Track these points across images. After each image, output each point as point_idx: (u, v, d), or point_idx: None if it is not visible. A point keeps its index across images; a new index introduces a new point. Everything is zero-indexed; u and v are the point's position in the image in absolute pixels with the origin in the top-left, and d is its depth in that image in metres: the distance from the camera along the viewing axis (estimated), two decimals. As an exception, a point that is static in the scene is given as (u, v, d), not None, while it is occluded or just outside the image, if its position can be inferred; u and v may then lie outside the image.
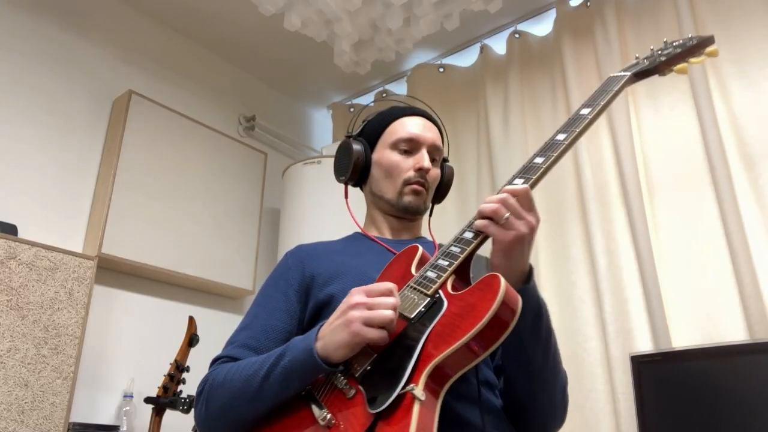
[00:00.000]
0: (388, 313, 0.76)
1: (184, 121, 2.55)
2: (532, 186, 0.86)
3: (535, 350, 0.87)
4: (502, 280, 0.73)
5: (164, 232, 2.34)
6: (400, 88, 3.10)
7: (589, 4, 2.43)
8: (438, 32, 2.68)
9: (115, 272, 2.27)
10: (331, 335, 0.79)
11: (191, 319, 1.96)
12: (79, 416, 2.01)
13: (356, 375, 0.78)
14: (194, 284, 2.48)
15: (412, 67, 2.97)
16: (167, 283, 2.44)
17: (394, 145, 1.13)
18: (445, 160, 1.22)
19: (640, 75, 1.14)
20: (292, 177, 2.69)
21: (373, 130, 1.18)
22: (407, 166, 1.12)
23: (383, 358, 0.77)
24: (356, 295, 0.80)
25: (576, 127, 0.93)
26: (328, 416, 0.75)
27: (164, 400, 1.81)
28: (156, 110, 2.45)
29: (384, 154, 1.14)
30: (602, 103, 0.98)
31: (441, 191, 1.22)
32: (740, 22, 2.05)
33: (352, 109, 3.22)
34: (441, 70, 2.87)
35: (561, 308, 2.17)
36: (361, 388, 0.76)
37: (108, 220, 2.16)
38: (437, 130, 1.18)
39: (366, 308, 0.77)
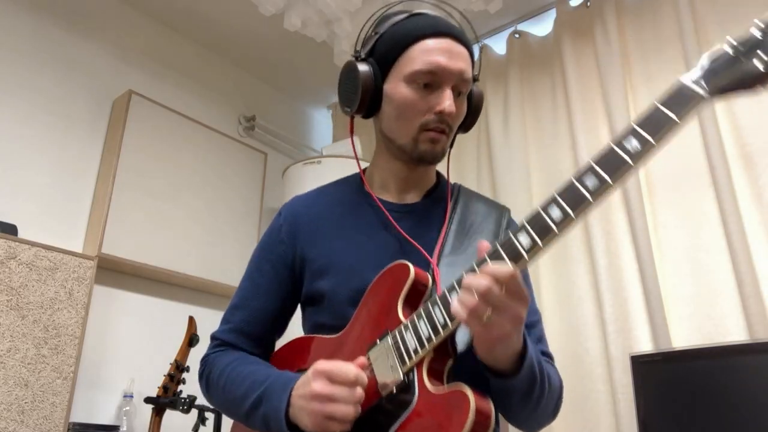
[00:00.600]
0: (350, 410, 0.74)
1: (184, 121, 2.55)
2: (530, 259, 0.70)
3: (523, 408, 0.84)
4: (472, 403, 0.68)
5: (164, 232, 2.34)
6: (400, 88, 3.09)
7: (589, 4, 2.43)
8: (438, 32, 2.67)
9: (115, 272, 2.27)
10: (299, 413, 0.79)
11: (191, 319, 1.96)
12: (79, 416, 2.01)
13: None
14: (194, 284, 2.48)
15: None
16: (167, 283, 2.44)
17: (411, 78, 0.90)
18: (475, 79, 0.98)
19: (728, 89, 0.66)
20: (292, 177, 2.69)
21: (386, 52, 0.93)
22: (425, 106, 0.90)
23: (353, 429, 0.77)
24: (318, 381, 0.76)
25: (613, 173, 0.67)
26: None
27: (164, 400, 1.81)
28: (156, 110, 2.45)
29: (398, 88, 0.91)
30: (654, 140, 0.67)
31: (467, 121, 1.00)
32: (740, 22, 2.05)
33: (352, 109, 3.21)
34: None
35: (561, 308, 2.17)
36: None
37: (108, 220, 2.16)
38: (467, 53, 0.93)
39: (329, 401, 0.75)
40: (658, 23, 2.25)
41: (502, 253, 0.72)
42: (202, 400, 1.97)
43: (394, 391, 0.77)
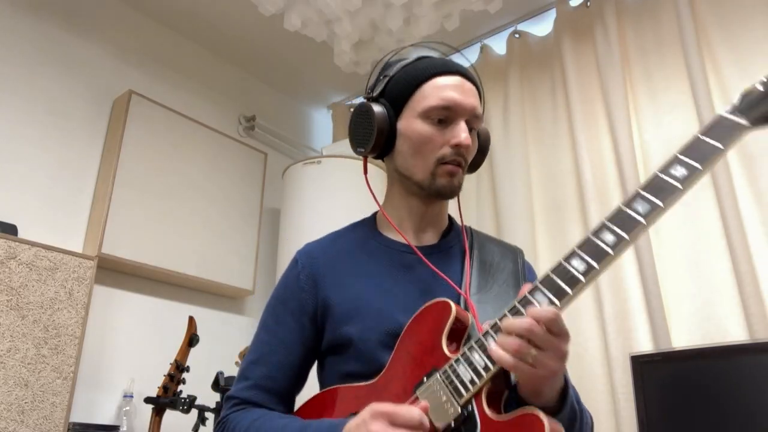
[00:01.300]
0: None
1: (184, 121, 2.55)
2: (570, 299, 0.70)
3: None
4: (547, 428, 0.65)
5: (164, 232, 2.34)
6: (400, 88, 3.09)
7: (589, 4, 2.43)
8: (438, 32, 2.68)
9: (115, 272, 2.27)
10: None
11: (191, 319, 1.96)
12: (79, 416, 2.01)
13: None
14: (194, 284, 2.48)
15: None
16: (167, 283, 2.44)
17: (426, 114, 0.91)
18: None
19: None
20: (292, 177, 2.69)
21: (399, 92, 0.95)
22: (441, 140, 0.91)
23: None
24: (379, 422, 0.71)
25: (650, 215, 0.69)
26: None
27: (164, 400, 1.81)
28: (156, 110, 2.45)
29: (413, 124, 0.93)
30: (699, 170, 0.69)
31: (476, 161, 1.01)
32: (740, 22, 2.05)
33: (352, 109, 3.21)
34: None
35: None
36: None
37: (108, 220, 2.16)
38: (477, 91, 0.96)
39: None
40: (658, 23, 2.25)
41: (543, 289, 0.73)
42: (202, 400, 1.97)
43: (453, 425, 0.72)
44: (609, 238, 0.70)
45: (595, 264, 0.70)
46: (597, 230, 0.72)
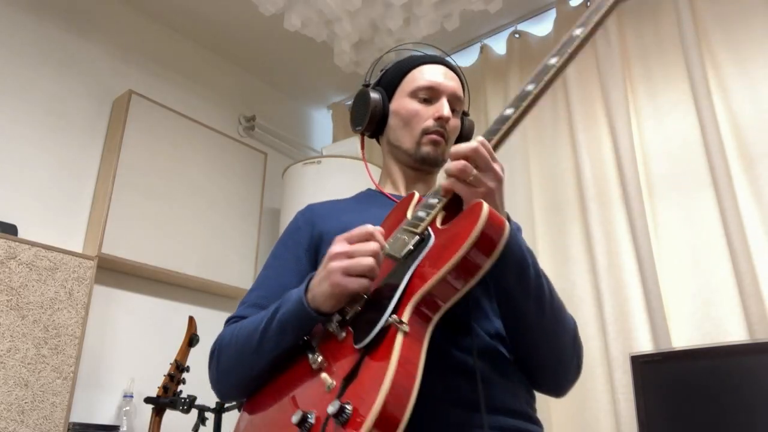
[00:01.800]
0: (368, 261, 0.75)
1: (184, 121, 2.55)
2: (503, 138, 0.84)
3: (527, 303, 0.85)
4: (485, 205, 0.72)
5: (164, 232, 2.34)
6: (400, 88, 3.10)
7: (589, 4, 2.43)
8: (438, 32, 2.68)
9: (115, 272, 2.27)
10: (318, 287, 0.79)
11: (191, 319, 1.96)
12: (79, 416, 2.01)
13: (347, 317, 0.78)
14: (194, 284, 2.48)
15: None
16: (167, 283, 2.44)
17: (413, 94, 1.07)
18: (465, 114, 1.16)
19: None
20: (292, 177, 2.69)
21: (391, 79, 1.12)
22: (426, 114, 1.06)
23: (372, 299, 0.77)
24: (337, 244, 0.79)
25: (544, 74, 0.87)
26: (320, 359, 0.76)
27: (164, 400, 1.81)
28: (156, 110, 2.45)
29: (402, 102, 1.08)
30: (592, 24, 0.89)
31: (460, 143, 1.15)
32: (740, 22, 2.05)
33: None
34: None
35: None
36: (350, 329, 0.76)
37: (108, 220, 2.16)
38: (459, 80, 1.12)
39: (346, 257, 0.76)
40: (658, 23, 2.25)
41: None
42: (202, 400, 1.97)
43: (411, 248, 0.78)
44: (530, 87, 0.86)
45: (521, 104, 0.84)
46: (525, 85, 0.87)
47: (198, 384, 2.16)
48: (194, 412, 1.87)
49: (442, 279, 0.70)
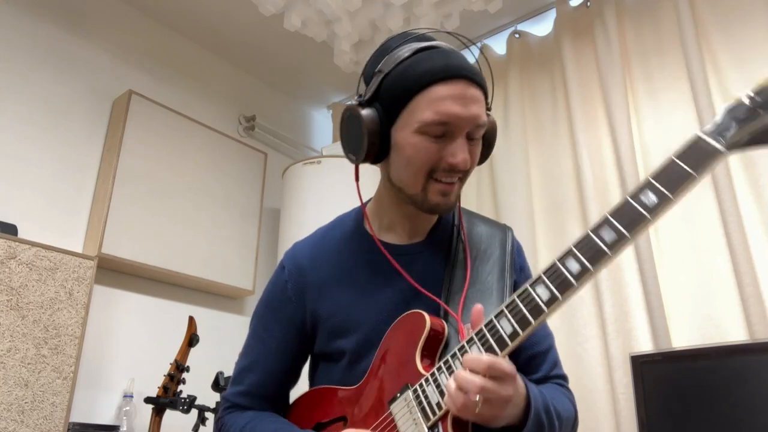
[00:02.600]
0: None
1: (184, 121, 2.55)
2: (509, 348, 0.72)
3: None
4: None
5: (164, 232, 2.34)
6: (400, 88, 3.10)
7: (589, 4, 2.43)
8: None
9: (115, 272, 2.27)
10: None
11: (191, 319, 1.96)
12: (79, 416, 2.01)
13: None
14: (194, 284, 2.48)
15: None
16: (167, 283, 2.44)
17: (422, 129, 0.82)
18: (488, 108, 0.92)
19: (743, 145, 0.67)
20: (292, 177, 2.69)
21: (392, 98, 0.85)
22: (436, 156, 0.84)
23: None
24: None
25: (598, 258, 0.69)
26: None
27: (164, 400, 1.81)
28: (156, 110, 2.45)
29: (407, 138, 0.84)
30: (669, 199, 0.66)
31: (483, 153, 0.94)
32: (740, 22, 2.05)
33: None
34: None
35: (561, 308, 2.17)
36: None
37: (108, 220, 2.16)
38: (482, 95, 0.86)
39: None
40: (658, 23, 2.25)
41: (487, 338, 0.75)
42: (202, 400, 1.97)
43: None
44: (574, 266, 0.69)
45: (558, 294, 0.69)
46: (563, 256, 0.71)
47: (198, 384, 2.16)
48: (194, 412, 1.87)
49: None
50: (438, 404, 0.76)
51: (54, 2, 2.36)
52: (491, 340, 0.73)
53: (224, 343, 2.57)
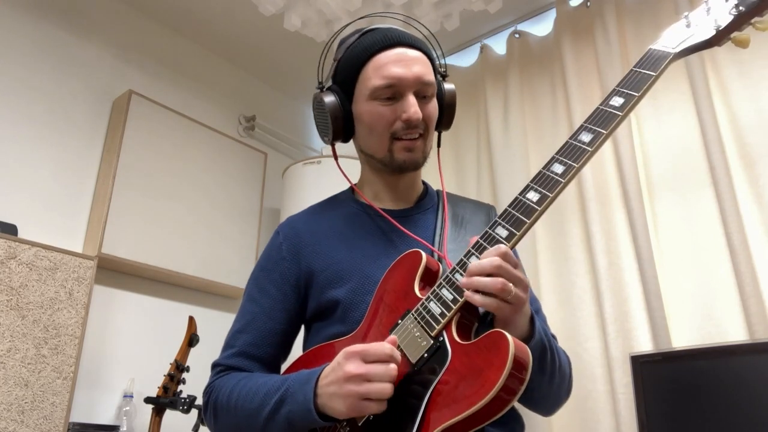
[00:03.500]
0: (387, 388, 0.72)
1: (184, 121, 2.55)
2: (528, 228, 0.76)
3: (541, 380, 0.84)
4: (511, 344, 0.68)
5: (164, 232, 2.34)
6: (400, 88, 3.10)
7: (589, 4, 2.43)
8: (438, 32, 2.68)
9: (115, 272, 2.27)
10: (329, 400, 0.76)
11: (191, 319, 1.96)
12: (79, 416, 2.01)
13: (359, 423, 0.77)
14: (194, 284, 2.48)
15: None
16: (167, 283, 2.44)
17: (373, 95, 0.93)
18: (443, 77, 1.03)
19: (691, 50, 0.88)
20: (292, 177, 2.69)
21: (345, 77, 0.97)
22: (392, 116, 0.93)
23: (386, 412, 0.75)
24: (351, 362, 0.74)
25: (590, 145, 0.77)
26: None
27: (164, 400, 1.81)
28: (156, 110, 2.45)
29: (363, 107, 0.95)
30: (635, 96, 0.80)
31: (444, 118, 1.02)
32: (740, 22, 2.05)
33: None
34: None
35: (561, 308, 2.17)
36: None
37: (108, 220, 2.16)
38: (424, 57, 0.95)
39: (364, 380, 0.72)
40: (658, 23, 2.25)
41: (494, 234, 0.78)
42: (201, 400, 1.97)
43: (426, 355, 0.75)
44: (559, 168, 0.77)
45: (548, 192, 0.75)
46: (548, 163, 0.79)
47: (198, 384, 2.16)
48: (194, 412, 1.87)
49: (462, 420, 0.68)
50: (441, 314, 0.76)
51: (54, 2, 2.36)
52: (489, 247, 0.76)
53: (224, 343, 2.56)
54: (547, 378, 0.85)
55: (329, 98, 0.97)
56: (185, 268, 2.37)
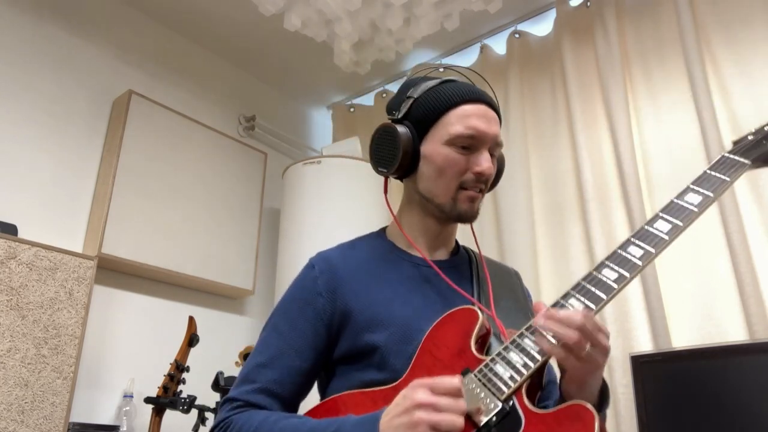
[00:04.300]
0: (459, 421, 0.68)
1: (184, 121, 2.55)
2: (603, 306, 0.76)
3: None
4: (596, 419, 0.65)
5: (164, 232, 2.34)
6: (400, 88, 3.10)
7: (589, 4, 2.43)
8: (438, 32, 2.68)
9: (115, 272, 2.27)
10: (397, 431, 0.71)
11: (191, 319, 1.96)
12: (79, 416, 2.01)
13: None
14: (194, 284, 2.48)
15: (412, 67, 2.97)
16: (167, 283, 2.44)
17: (452, 141, 0.94)
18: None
19: (763, 161, 0.89)
20: (292, 177, 2.69)
21: (424, 116, 0.97)
22: (465, 166, 0.94)
23: None
24: (420, 391, 0.70)
25: (667, 236, 0.79)
26: None
27: (164, 400, 1.81)
28: (156, 110, 2.45)
29: (438, 149, 0.95)
30: (711, 198, 0.82)
31: (494, 181, 1.05)
32: (740, 22, 2.05)
33: (352, 110, 3.22)
34: (441, 70, 2.87)
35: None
36: None
37: (108, 220, 2.16)
38: (498, 119, 0.99)
39: (434, 410, 0.69)
40: (658, 23, 2.25)
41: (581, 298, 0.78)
42: (202, 400, 1.97)
43: (495, 419, 0.71)
44: (636, 251, 0.78)
45: (626, 272, 0.76)
46: (623, 244, 0.81)
47: (198, 384, 2.16)
48: (194, 412, 1.87)
49: None
50: (511, 377, 0.74)
51: (54, 2, 2.36)
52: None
53: (224, 343, 2.57)
54: None
55: (403, 130, 0.96)
56: (185, 268, 2.37)
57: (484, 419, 0.71)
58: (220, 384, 1.87)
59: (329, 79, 3.13)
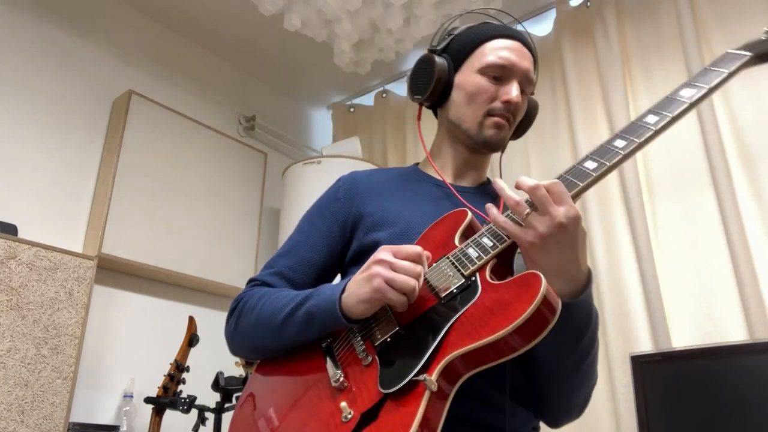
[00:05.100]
0: (411, 281, 0.73)
1: (184, 121, 2.55)
2: (580, 193, 0.77)
3: (567, 360, 0.82)
4: (544, 283, 0.67)
5: (164, 232, 2.34)
6: (400, 88, 3.10)
7: (589, 4, 2.43)
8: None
9: (115, 272, 2.27)
10: (355, 287, 0.78)
11: (191, 319, 1.96)
12: (79, 416, 2.01)
13: (375, 343, 0.77)
14: (194, 284, 2.48)
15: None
16: (167, 283, 2.44)
17: (483, 70, 0.98)
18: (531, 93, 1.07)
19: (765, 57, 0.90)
20: (292, 177, 2.69)
21: (460, 48, 1.03)
22: (494, 94, 0.98)
23: (405, 333, 0.76)
24: (383, 252, 0.77)
25: (655, 124, 0.80)
26: (341, 378, 0.76)
27: (164, 400, 1.81)
28: (156, 110, 2.45)
29: (470, 77, 1.00)
30: (705, 89, 0.83)
31: (521, 126, 1.07)
32: (740, 22, 2.05)
33: (352, 110, 3.22)
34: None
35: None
36: (377, 358, 0.75)
37: (108, 220, 2.16)
38: (532, 59, 1.02)
39: (390, 268, 0.75)
40: (658, 23, 2.25)
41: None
42: (202, 400, 1.97)
43: (454, 291, 0.75)
44: (620, 143, 0.79)
45: (605, 161, 0.77)
46: (610, 139, 0.81)
47: (198, 384, 2.16)
48: (194, 412, 1.87)
49: (479, 348, 0.68)
50: (478, 257, 0.76)
51: (54, 2, 2.36)
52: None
53: (224, 343, 2.56)
54: (575, 360, 0.82)
55: (440, 60, 1.02)
56: (185, 268, 2.37)
57: (445, 292, 0.76)
58: (220, 384, 1.87)
59: (329, 79, 3.13)
